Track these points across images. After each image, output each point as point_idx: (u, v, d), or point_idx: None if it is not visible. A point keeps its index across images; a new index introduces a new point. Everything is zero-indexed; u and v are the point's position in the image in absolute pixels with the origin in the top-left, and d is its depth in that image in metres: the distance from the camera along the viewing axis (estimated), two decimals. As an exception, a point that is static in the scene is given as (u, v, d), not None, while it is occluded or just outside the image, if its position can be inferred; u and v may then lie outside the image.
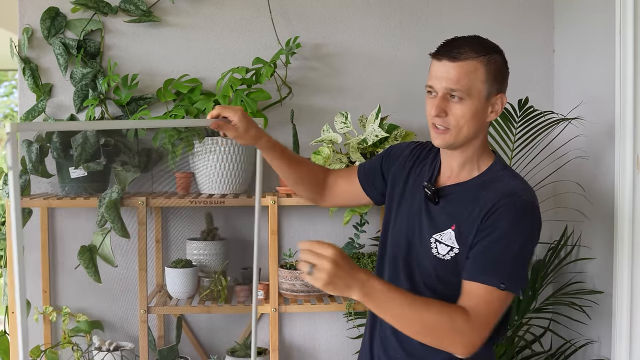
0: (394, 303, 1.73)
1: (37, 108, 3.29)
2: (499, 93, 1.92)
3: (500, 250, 1.80)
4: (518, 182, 1.91)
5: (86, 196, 3.14)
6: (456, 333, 1.75)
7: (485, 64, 1.88)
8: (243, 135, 2.15)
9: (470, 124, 1.90)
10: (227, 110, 2.15)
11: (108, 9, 3.34)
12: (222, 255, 3.30)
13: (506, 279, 1.78)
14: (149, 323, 3.14)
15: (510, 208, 1.82)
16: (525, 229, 1.83)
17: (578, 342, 3.23)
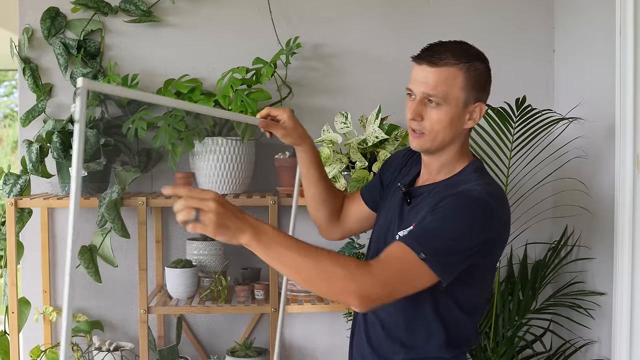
0: (286, 247, 1.63)
1: (37, 108, 3.29)
2: (477, 101, 1.92)
3: (436, 228, 1.76)
4: (484, 182, 1.88)
5: (86, 196, 3.14)
6: (348, 279, 1.65)
7: (465, 71, 1.87)
8: (291, 133, 2.15)
9: (446, 130, 1.90)
10: (275, 110, 2.16)
11: (108, 9, 3.34)
12: (222, 256, 3.30)
13: (430, 253, 1.71)
14: (149, 323, 3.14)
15: (458, 198, 1.81)
16: (466, 220, 1.78)
17: (578, 343, 3.23)
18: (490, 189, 1.86)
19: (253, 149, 3.29)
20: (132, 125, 3.15)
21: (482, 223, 1.79)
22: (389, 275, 1.71)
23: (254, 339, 3.35)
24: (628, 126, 2.75)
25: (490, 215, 1.80)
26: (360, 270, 1.67)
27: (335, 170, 3.02)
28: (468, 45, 1.94)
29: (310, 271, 1.65)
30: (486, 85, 1.94)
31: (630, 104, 2.74)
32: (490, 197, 1.82)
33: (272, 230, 1.64)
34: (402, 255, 1.73)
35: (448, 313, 1.91)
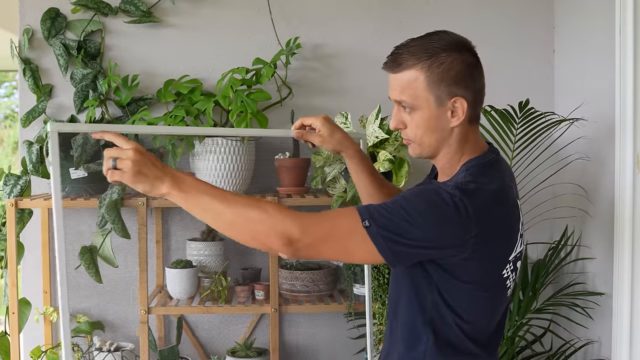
0: (205, 193, 1.62)
1: (38, 109, 3.29)
2: (453, 97, 1.76)
3: (394, 207, 1.65)
4: (464, 180, 1.74)
5: (87, 197, 3.14)
6: (270, 222, 1.61)
7: (426, 69, 1.75)
8: (328, 140, 2.12)
9: (429, 134, 1.80)
10: (308, 119, 2.13)
11: (108, 9, 3.34)
12: (222, 256, 3.30)
13: (376, 224, 1.63)
14: (149, 323, 3.14)
15: (425, 188, 1.72)
16: (423, 207, 1.65)
17: (578, 343, 3.23)
18: (466, 185, 1.72)
19: (253, 149, 3.29)
20: (133, 126, 3.15)
21: (442, 216, 1.66)
22: (321, 226, 1.66)
23: (254, 339, 3.35)
24: (628, 126, 2.75)
25: (453, 210, 1.66)
26: (285, 213, 1.62)
27: (335, 171, 3.02)
28: (437, 36, 1.80)
29: (230, 216, 1.63)
30: (460, 76, 1.76)
31: (630, 103, 2.74)
32: (461, 192, 1.69)
33: (191, 179, 1.64)
34: (344, 215, 1.66)
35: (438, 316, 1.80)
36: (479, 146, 1.87)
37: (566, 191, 3.33)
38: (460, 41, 1.80)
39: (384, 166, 2.92)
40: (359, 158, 2.16)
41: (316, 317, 3.49)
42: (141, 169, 1.60)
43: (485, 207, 1.71)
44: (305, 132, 2.13)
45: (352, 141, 2.15)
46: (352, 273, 3.02)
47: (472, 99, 1.80)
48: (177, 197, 1.63)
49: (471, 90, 1.79)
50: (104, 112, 3.31)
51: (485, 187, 1.75)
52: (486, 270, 1.78)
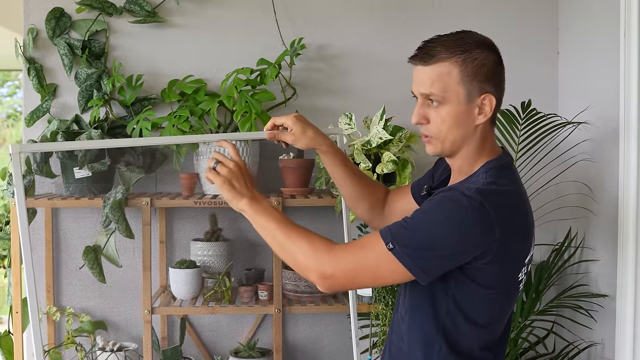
0: (270, 217, 1.81)
1: (42, 108, 3.29)
2: (483, 93, 1.78)
3: (413, 222, 1.69)
4: (486, 182, 1.74)
5: (91, 196, 3.14)
6: (311, 256, 1.73)
7: (460, 64, 1.76)
8: (301, 138, 2.13)
9: (454, 130, 1.80)
10: (279, 118, 2.15)
11: (113, 9, 3.34)
12: (226, 256, 3.30)
13: (399, 244, 1.66)
14: (152, 323, 3.14)
15: (446, 195, 1.71)
16: (446, 216, 1.67)
17: (581, 345, 3.23)
18: (488, 189, 1.71)
19: (257, 149, 3.29)
20: (137, 126, 3.15)
21: (463, 223, 1.67)
22: (350, 259, 1.72)
23: (257, 339, 3.35)
24: (632, 128, 2.75)
25: (475, 215, 1.66)
26: (323, 249, 1.73)
27: (339, 171, 3.02)
28: (467, 34, 1.83)
29: (282, 242, 1.79)
30: (491, 74, 1.80)
31: (635, 105, 2.74)
32: (482, 195, 1.68)
33: (266, 203, 1.85)
34: (370, 243, 1.72)
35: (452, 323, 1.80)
36: (495, 148, 1.88)
37: (570, 192, 3.33)
38: (489, 41, 1.84)
39: (388, 167, 2.92)
40: (332, 152, 2.18)
41: (319, 318, 3.49)
42: (232, 181, 1.87)
43: (506, 209, 1.73)
44: (277, 132, 2.15)
45: (324, 137, 2.16)
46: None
47: (498, 97, 1.83)
48: (248, 214, 1.85)
49: (499, 88, 1.83)
50: (108, 111, 3.31)
51: (506, 189, 1.77)
52: (505, 274, 1.79)
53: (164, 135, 3.13)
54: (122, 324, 3.45)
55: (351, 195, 2.22)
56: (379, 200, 2.24)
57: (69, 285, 3.41)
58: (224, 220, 3.41)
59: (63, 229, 3.41)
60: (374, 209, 2.24)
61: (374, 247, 1.70)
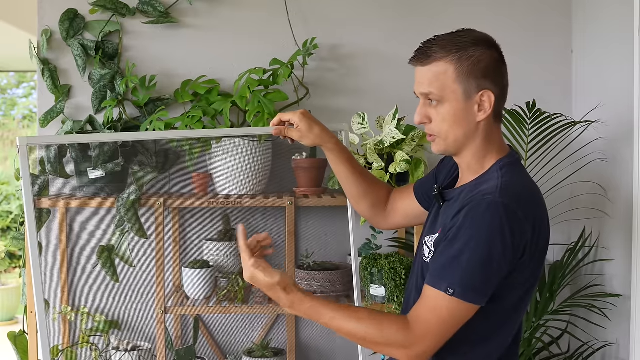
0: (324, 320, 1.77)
1: (56, 109, 3.31)
2: (481, 90, 1.79)
3: (454, 252, 1.69)
4: (504, 181, 1.76)
5: (104, 196, 3.16)
6: (389, 345, 1.71)
7: (456, 61, 1.78)
8: (307, 135, 2.14)
9: (455, 128, 1.81)
10: (286, 114, 2.15)
11: (126, 10, 3.36)
12: (239, 256, 3.28)
13: (455, 284, 1.67)
14: (166, 323, 3.15)
15: (471, 209, 1.71)
16: (480, 228, 1.69)
17: (596, 345, 3.21)
18: (508, 189, 1.74)
19: (270, 149, 3.29)
20: (150, 126, 3.17)
21: (501, 228, 1.68)
22: (430, 327, 1.70)
23: (270, 339, 3.35)
24: (647, 127, 2.73)
25: (506, 218, 1.69)
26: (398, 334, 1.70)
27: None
28: (464, 32, 1.84)
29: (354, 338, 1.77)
30: (489, 70, 1.80)
31: (649, 104, 2.72)
32: (505, 197, 1.71)
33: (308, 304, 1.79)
34: (437, 304, 1.69)
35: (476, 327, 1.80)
36: (504, 146, 1.90)
37: (584, 192, 3.31)
38: (487, 38, 1.84)
39: (401, 167, 2.91)
40: (338, 150, 2.18)
41: (332, 318, 3.48)
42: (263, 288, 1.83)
43: (530, 204, 1.77)
44: (283, 128, 2.16)
45: (330, 134, 2.17)
46: (368, 274, 3.02)
47: (499, 93, 1.83)
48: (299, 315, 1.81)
49: (498, 84, 1.83)
50: (121, 112, 3.32)
51: (525, 185, 1.81)
52: (533, 272, 1.82)
53: (177, 136, 3.13)
54: (135, 324, 3.46)
55: (354, 193, 2.23)
56: (380, 198, 2.25)
57: (83, 285, 3.43)
58: (236, 220, 3.41)
59: (77, 229, 3.42)
60: (376, 207, 2.25)
61: (440, 303, 1.69)
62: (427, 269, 1.83)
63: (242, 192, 3.22)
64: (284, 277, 1.75)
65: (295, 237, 3.24)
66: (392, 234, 3.43)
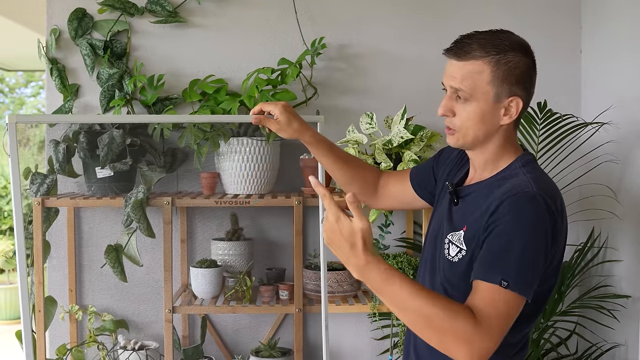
0: (394, 288, 1.58)
1: (64, 108, 3.31)
2: (512, 96, 1.79)
3: (503, 245, 1.67)
4: (532, 176, 1.77)
5: (112, 196, 3.16)
6: (462, 340, 1.58)
7: (493, 64, 1.77)
8: (285, 128, 2.15)
9: (478, 127, 1.82)
10: (268, 105, 2.16)
11: (134, 9, 3.36)
12: (247, 256, 3.31)
13: (509, 276, 1.64)
14: (173, 323, 3.15)
15: (511, 203, 1.70)
16: (527, 221, 1.68)
17: (604, 346, 3.20)
18: (542, 182, 1.77)
19: (278, 149, 3.29)
20: (158, 126, 3.17)
21: (544, 221, 1.70)
22: (493, 323, 1.63)
23: (278, 339, 3.35)
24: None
25: (549, 210, 1.71)
26: (472, 330, 1.59)
27: (360, 171, 3.01)
28: (505, 34, 1.83)
29: (421, 322, 1.61)
30: (523, 78, 1.80)
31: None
32: (545, 192, 1.73)
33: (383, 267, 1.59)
34: (493, 297, 1.64)
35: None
36: (518, 146, 1.91)
37: (593, 193, 3.30)
38: (525, 44, 1.84)
39: (409, 167, 2.91)
40: (316, 142, 2.20)
41: (340, 318, 3.48)
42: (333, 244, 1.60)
43: (560, 200, 1.79)
44: (263, 118, 2.16)
45: (308, 129, 2.18)
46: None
47: (526, 100, 1.84)
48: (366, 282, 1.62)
49: (528, 92, 1.84)
50: (129, 111, 3.32)
51: (550, 181, 1.83)
52: (557, 266, 1.82)
53: (185, 135, 3.13)
54: (143, 323, 3.46)
55: (340, 179, 2.26)
56: (368, 182, 2.28)
57: (91, 284, 3.43)
58: (244, 220, 3.41)
59: (85, 229, 3.43)
60: (364, 190, 2.28)
61: (498, 296, 1.64)
62: (451, 267, 1.83)
63: (250, 192, 3.22)
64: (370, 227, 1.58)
65: (303, 236, 3.23)
66: (400, 234, 3.42)
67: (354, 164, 2.26)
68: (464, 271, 1.80)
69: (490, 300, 1.64)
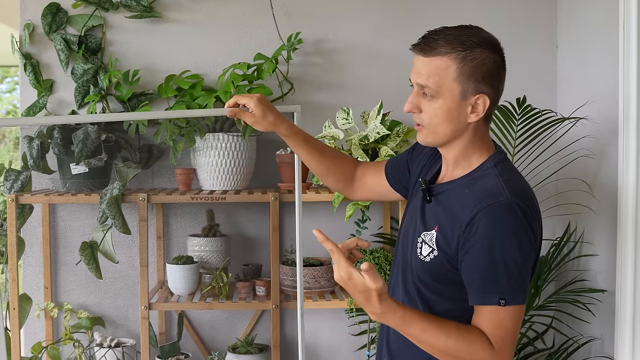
0: (413, 331, 1.68)
1: (38, 104, 3.29)
2: (478, 93, 1.76)
3: (489, 264, 1.68)
4: (503, 179, 1.76)
5: (87, 192, 3.14)
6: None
7: (459, 60, 1.73)
8: (260, 121, 2.13)
9: (445, 125, 1.78)
10: (242, 97, 2.13)
11: (109, 4, 3.33)
12: (223, 252, 3.30)
13: (504, 294, 1.68)
14: (150, 319, 3.13)
15: (487, 214, 1.69)
16: (507, 232, 1.69)
17: (581, 340, 3.22)
18: (514, 185, 1.76)
19: (254, 144, 3.28)
20: (134, 122, 3.15)
21: (523, 224, 1.71)
22: (506, 341, 1.70)
23: (255, 335, 3.34)
24: (632, 124, 2.73)
25: (526, 213, 1.71)
26: (493, 356, 1.68)
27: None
28: (472, 30, 1.79)
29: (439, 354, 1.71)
30: (490, 75, 1.77)
31: (634, 101, 2.72)
32: (518, 195, 1.72)
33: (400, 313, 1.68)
34: (498, 318, 1.69)
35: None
36: (490, 143, 1.88)
37: (569, 188, 3.32)
38: (494, 40, 1.81)
39: (386, 162, 2.90)
40: (292, 134, 2.18)
41: (317, 314, 3.48)
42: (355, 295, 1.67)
43: (534, 201, 1.79)
44: (238, 111, 2.14)
45: (283, 121, 2.16)
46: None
47: (494, 98, 1.81)
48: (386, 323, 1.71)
49: (495, 90, 1.80)
50: (104, 107, 3.30)
51: (523, 181, 1.84)
52: (534, 263, 1.82)
53: (161, 131, 3.12)
54: (119, 320, 3.44)
55: (317, 170, 2.25)
56: (345, 173, 2.26)
57: (66, 282, 3.40)
58: (220, 216, 3.40)
59: (60, 225, 3.40)
60: (341, 181, 2.26)
61: (502, 315, 1.69)
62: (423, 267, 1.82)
63: (226, 188, 3.21)
64: (385, 284, 1.65)
65: (279, 232, 3.22)
66: (377, 230, 3.42)
67: (331, 155, 2.25)
68: (436, 272, 1.80)
69: (495, 321, 1.69)
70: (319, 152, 2.22)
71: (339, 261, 1.64)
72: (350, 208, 3.02)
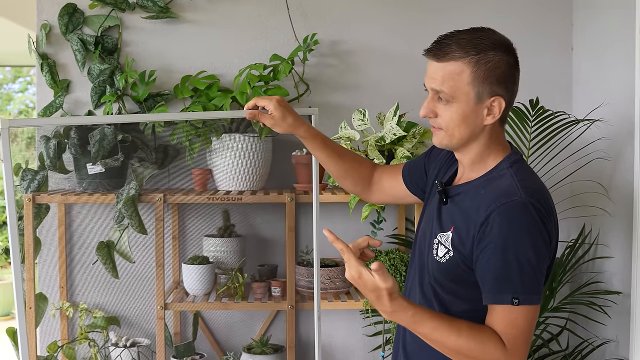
0: (424, 330, 1.70)
1: (55, 104, 3.30)
2: (493, 95, 1.77)
3: (502, 263, 1.69)
4: (518, 179, 1.76)
5: (104, 192, 3.15)
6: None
7: (473, 64, 1.74)
8: (280, 123, 2.13)
9: (462, 128, 1.79)
10: (262, 99, 2.14)
11: (126, 5, 3.34)
12: (239, 252, 3.30)
13: (518, 293, 1.68)
14: (165, 319, 3.14)
15: (501, 214, 1.70)
16: (520, 231, 1.70)
17: (595, 342, 3.21)
18: (529, 185, 1.76)
19: (270, 145, 3.28)
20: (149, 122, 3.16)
21: (537, 224, 1.71)
22: (519, 341, 1.70)
23: (270, 335, 3.35)
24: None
25: (540, 213, 1.72)
26: (501, 354, 1.68)
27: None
28: (485, 33, 1.79)
29: (451, 353, 1.72)
30: (504, 77, 1.77)
31: (651, 101, 2.71)
32: (533, 195, 1.73)
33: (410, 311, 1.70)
34: (511, 317, 1.69)
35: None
36: (506, 144, 1.89)
37: (584, 190, 3.31)
38: (506, 42, 1.82)
39: (402, 163, 2.91)
40: (310, 137, 2.18)
41: (332, 314, 3.48)
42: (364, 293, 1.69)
43: (549, 201, 1.80)
44: (257, 113, 2.14)
45: (302, 123, 2.16)
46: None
47: (509, 100, 1.82)
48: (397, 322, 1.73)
49: (510, 91, 1.81)
50: (120, 107, 3.31)
51: (538, 181, 1.84)
52: (549, 263, 1.82)
53: (177, 132, 3.12)
54: (135, 320, 3.45)
55: (335, 173, 2.26)
56: (363, 176, 2.27)
57: (82, 281, 3.42)
58: (236, 216, 3.41)
59: (76, 225, 3.41)
60: (358, 184, 2.28)
61: (515, 314, 1.70)
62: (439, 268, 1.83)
63: (242, 188, 3.22)
64: (395, 283, 1.67)
65: (295, 233, 3.22)
66: (392, 231, 3.43)
67: (349, 158, 2.25)
68: (452, 273, 1.81)
69: (509, 321, 1.70)
70: (337, 154, 2.23)
71: (349, 260, 1.67)
72: (367, 209, 3.02)
